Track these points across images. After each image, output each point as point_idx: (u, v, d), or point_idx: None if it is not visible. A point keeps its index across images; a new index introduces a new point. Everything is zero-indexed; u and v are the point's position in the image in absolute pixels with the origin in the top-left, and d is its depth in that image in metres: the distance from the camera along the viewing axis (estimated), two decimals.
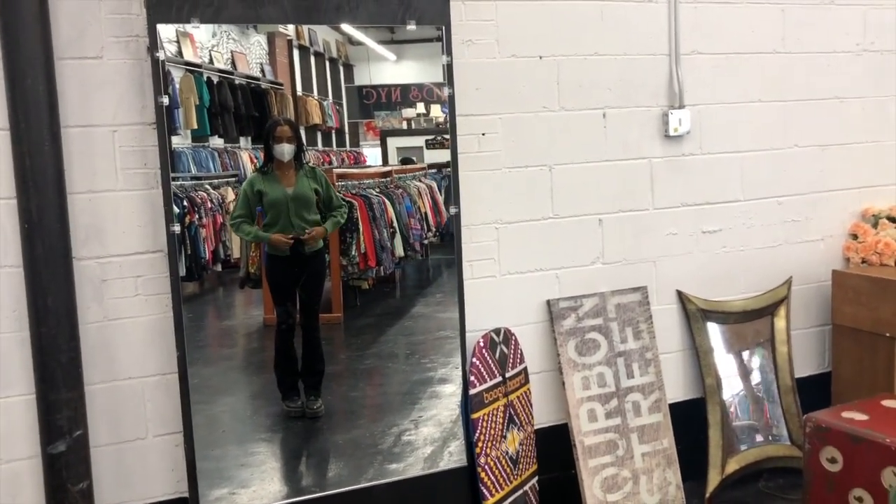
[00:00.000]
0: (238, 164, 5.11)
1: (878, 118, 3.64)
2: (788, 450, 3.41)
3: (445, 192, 4.72)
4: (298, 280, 3.82)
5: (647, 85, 3.22)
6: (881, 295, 3.25)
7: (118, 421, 2.59)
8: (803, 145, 3.51)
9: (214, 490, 2.85)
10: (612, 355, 3.14)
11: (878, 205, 3.63)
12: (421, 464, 3.15)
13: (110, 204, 2.52)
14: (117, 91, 2.50)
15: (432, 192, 5.05)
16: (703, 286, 3.37)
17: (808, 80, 3.50)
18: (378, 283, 4.87)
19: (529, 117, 3.05)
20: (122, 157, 2.52)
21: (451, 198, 2.95)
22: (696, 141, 3.31)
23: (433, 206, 4.99)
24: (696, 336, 3.33)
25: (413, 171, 5.16)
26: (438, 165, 5.13)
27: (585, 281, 3.17)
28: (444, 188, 4.90)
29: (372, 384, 4.32)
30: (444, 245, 4.84)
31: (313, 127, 5.66)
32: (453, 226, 2.95)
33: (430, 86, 5.81)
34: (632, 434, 3.12)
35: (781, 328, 3.48)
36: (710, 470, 3.25)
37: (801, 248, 3.56)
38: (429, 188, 5.01)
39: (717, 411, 3.29)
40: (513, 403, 2.99)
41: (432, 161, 5.28)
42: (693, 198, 3.33)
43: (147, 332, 2.60)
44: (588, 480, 3.02)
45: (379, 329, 4.75)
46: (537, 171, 3.08)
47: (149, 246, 2.57)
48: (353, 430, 3.68)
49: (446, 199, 4.11)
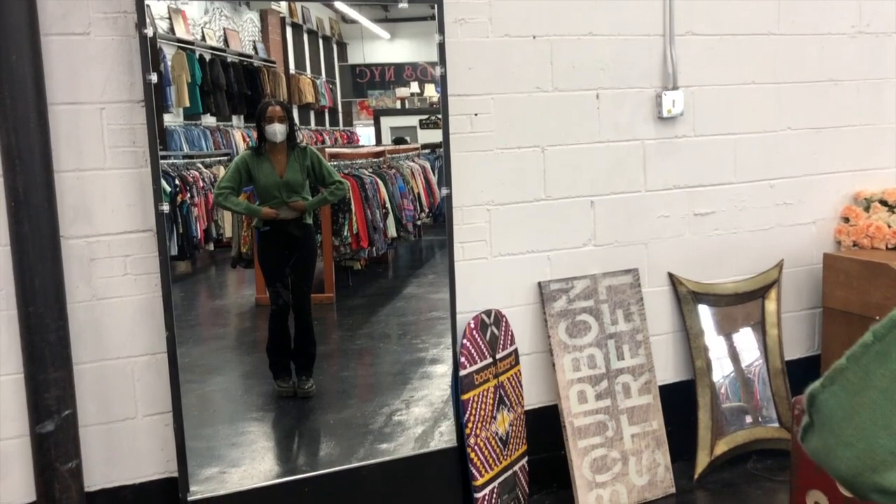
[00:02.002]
0: (230, 143, 5.09)
1: (873, 101, 3.62)
2: (777, 432, 3.44)
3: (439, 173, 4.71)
4: (289, 261, 3.81)
5: (640, 66, 3.20)
6: (871, 278, 3.25)
7: (107, 400, 2.59)
8: (796, 128, 3.50)
9: (204, 469, 2.85)
10: (603, 337, 3.15)
11: (870, 188, 3.63)
12: (411, 444, 3.16)
13: (98, 182, 2.50)
14: (105, 68, 2.47)
15: (426, 172, 5.03)
16: (694, 269, 3.37)
17: (803, 63, 3.48)
18: (370, 263, 4.86)
19: (522, 98, 3.03)
20: (111, 136, 2.49)
21: (443, 179, 2.94)
22: (689, 123, 3.30)
23: (426, 187, 4.97)
24: (687, 318, 3.33)
25: (406, 151, 5.13)
26: (432, 146, 5.10)
27: (577, 263, 3.17)
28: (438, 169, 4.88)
29: (363, 364, 4.33)
30: (437, 226, 4.82)
31: (306, 106, 5.63)
32: (445, 207, 2.94)
33: (424, 65, 5.78)
34: (621, 415, 3.13)
35: (772, 311, 3.49)
36: (699, 451, 3.27)
37: (792, 231, 3.56)
38: (422, 168, 4.99)
39: (706, 393, 3.30)
40: (503, 384, 3.00)
41: (426, 141, 5.26)
42: (685, 180, 3.33)
43: (136, 311, 2.59)
44: (577, 461, 3.03)
45: (371, 310, 4.75)
46: (530, 153, 3.07)
47: (138, 225, 2.56)
48: (344, 410, 3.69)
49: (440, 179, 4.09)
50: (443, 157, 2.92)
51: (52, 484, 2.42)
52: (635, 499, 3.11)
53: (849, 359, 0.82)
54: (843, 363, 0.82)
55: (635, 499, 3.11)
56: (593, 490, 3.04)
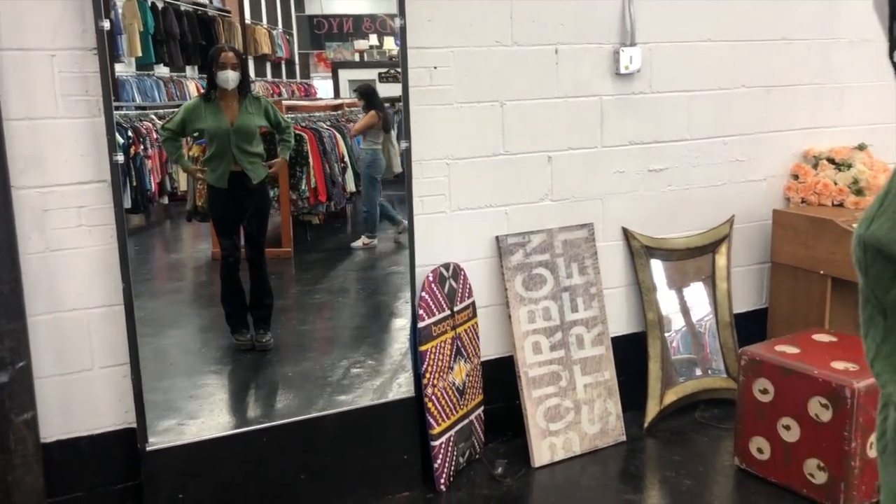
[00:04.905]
0: (185, 94, 4.99)
1: (823, 61, 3.70)
2: (725, 382, 3.56)
3: (399, 128, 4.70)
4: (242, 214, 3.78)
5: (599, 22, 3.21)
6: (817, 234, 3.36)
7: (63, 352, 2.57)
8: (750, 86, 3.56)
9: (163, 421, 2.86)
10: (558, 290, 3.21)
11: (819, 146, 3.72)
12: (370, 395, 3.21)
13: (51, 132, 2.45)
14: (55, 14, 2.40)
15: None
16: (647, 224, 3.44)
17: (758, 21, 3.52)
18: (329, 218, 4.85)
19: (482, 51, 3.03)
20: (62, 84, 2.44)
21: (402, 132, 2.93)
22: (646, 79, 3.33)
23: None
24: (640, 272, 3.41)
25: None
26: (392, 100, 5.06)
27: (534, 217, 3.21)
28: (398, 123, 4.87)
29: (322, 318, 4.35)
30: (398, 181, 4.83)
31: (262, 57, 5.53)
32: (404, 161, 2.95)
33: (383, 17, 5.70)
34: (575, 366, 3.21)
35: (722, 265, 3.58)
36: (649, 401, 3.38)
37: (744, 188, 3.64)
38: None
39: (657, 345, 3.40)
40: (460, 336, 3.05)
41: (386, 95, 5.22)
42: (641, 136, 3.37)
43: (91, 263, 2.56)
44: (532, 410, 3.11)
45: (329, 264, 4.76)
46: (489, 107, 3.08)
47: (92, 175, 2.51)
48: (302, 362, 3.71)
49: (399, 133, 4.08)
50: (402, 111, 2.91)
51: (7, 435, 2.41)
52: (587, 446, 3.21)
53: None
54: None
55: (587, 446, 3.21)
56: (547, 438, 3.13)
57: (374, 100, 4.63)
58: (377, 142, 4.57)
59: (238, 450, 2.74)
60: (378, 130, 4.54)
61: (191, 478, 2.66)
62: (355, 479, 2.89)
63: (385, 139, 4.56)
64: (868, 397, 2.63)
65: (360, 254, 4.78)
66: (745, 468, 3.00)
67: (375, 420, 2.92)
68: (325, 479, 2.85)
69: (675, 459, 3.17)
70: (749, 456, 2.98)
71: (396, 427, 2.94)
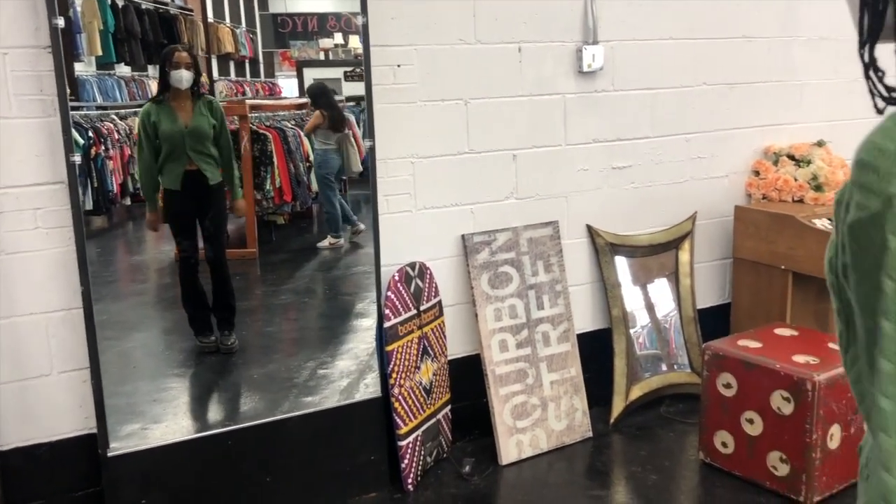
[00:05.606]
0: (146, 94, 4.92)
1: (783, 58, 3.75)
2: (689, 377, 3.60)
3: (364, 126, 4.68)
4: (198, 214, 3.71)
5: (562, 20, 3.22)
6: (778, 229, 3.41)
7: (20, 357, 2.52)
8: (711, 83, 3.60)
9: (125, 426, 2.82)
10: (524, 288, 3.22)
11: (779, 143, 3.78)
12: (337, 396, 3.19)
13: (4, 132, 2.40)
14: (6, 11, 2.35)
15: (351, 125, 4.98)
16: (611, 221, 3.46)
17: (719, 19, 3.56)
18: (294, 218, 4.81)
19: (446, 49, 3.02)
20: (15, 82, 2.38)
21: (367, 131, 2.92)
22: (608, 77, 3.35)
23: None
24: (605, 269, 3.43)
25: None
26: (357, 98, 5.03)
27: (499, 216, 3.22)
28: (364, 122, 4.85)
29: (288, 319, 4.31)
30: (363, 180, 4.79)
31: (226, 56, 5.47)
32: (368, 159, 2.93)
33: (347, 15, 5.66)
34: (541, 363, 3.22)
35: (685, 261, 3.62)
36: (615, 396, 3.40)
37: (706, 185, 3.68)
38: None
39: (622, 341, 3.42)
40: (427, 335, 3.04)
41: (351, 94, 5.18)
42: (604, 134, 3.39)
43: (49, 266, 2.51)
44: (499, 408, 3.11)
45: (295, 264, 4.72)
46: (453, 105, 3.08)
47: (48, 177, 2.46)
48: (268, 364, 3.68)
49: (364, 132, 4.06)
50: (366, 109, 2.89)
51: None
52: (554, 443, 3.22)
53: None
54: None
55: (554, 443, 3.22)
56: (514, 435, 3.13)
57: (320, 100, 4.58)
58: (328, 141, 4.53)
59: (203, 453, 2.70)
60: (326, 130, 4.49)
61: (154, 483, 2.62)
62: (322, 480, 2.87)
63: (341, 138, 4.52)
64: (829, 390, 2.67)
65: (326, 254, 4.75)
66: (709, 462, 3.04)
67: (342, 421, 2.90)
68: (291, 482, 2.82)
69: (640, 455, 3.19)
70: (714, 450, 3.01)
71: (363, 427, 2.93)
